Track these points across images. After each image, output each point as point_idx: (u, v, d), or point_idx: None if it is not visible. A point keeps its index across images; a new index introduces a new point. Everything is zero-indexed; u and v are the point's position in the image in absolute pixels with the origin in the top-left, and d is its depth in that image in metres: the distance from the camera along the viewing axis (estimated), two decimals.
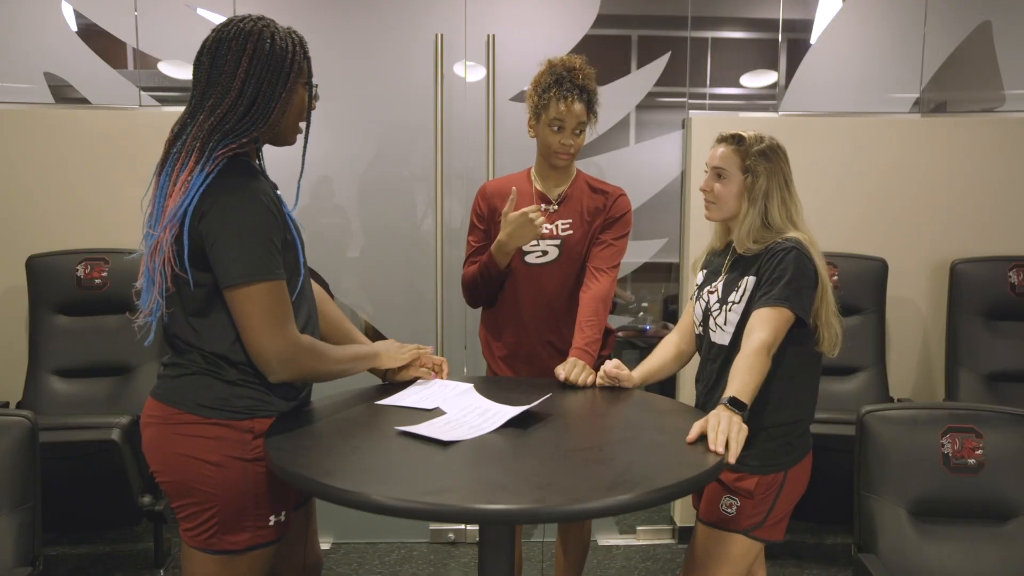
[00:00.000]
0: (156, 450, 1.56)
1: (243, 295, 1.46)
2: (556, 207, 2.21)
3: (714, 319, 1.88)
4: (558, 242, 2.19)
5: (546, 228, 2.19)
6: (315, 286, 1.82)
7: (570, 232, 2.19)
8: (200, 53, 1.52)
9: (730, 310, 1.84)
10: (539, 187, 2.24)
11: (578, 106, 2.10)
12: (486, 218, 2.25)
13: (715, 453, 1.46)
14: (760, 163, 1.81)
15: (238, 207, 1.45)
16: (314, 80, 1.60)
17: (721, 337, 1.86)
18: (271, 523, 1.58)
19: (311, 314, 1.67)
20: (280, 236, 1.51)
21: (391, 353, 1.84)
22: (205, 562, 1.56)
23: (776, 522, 1.86)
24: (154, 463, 1.57)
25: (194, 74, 1.53)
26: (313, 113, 1.62)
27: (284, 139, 1.61)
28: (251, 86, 1.48)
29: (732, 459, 1.47)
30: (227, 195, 1.45)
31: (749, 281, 1.82)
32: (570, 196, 2.21)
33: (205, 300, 1.52)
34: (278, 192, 1.60)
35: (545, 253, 2.19)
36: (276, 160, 1.76)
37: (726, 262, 1.92)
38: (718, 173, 1.87)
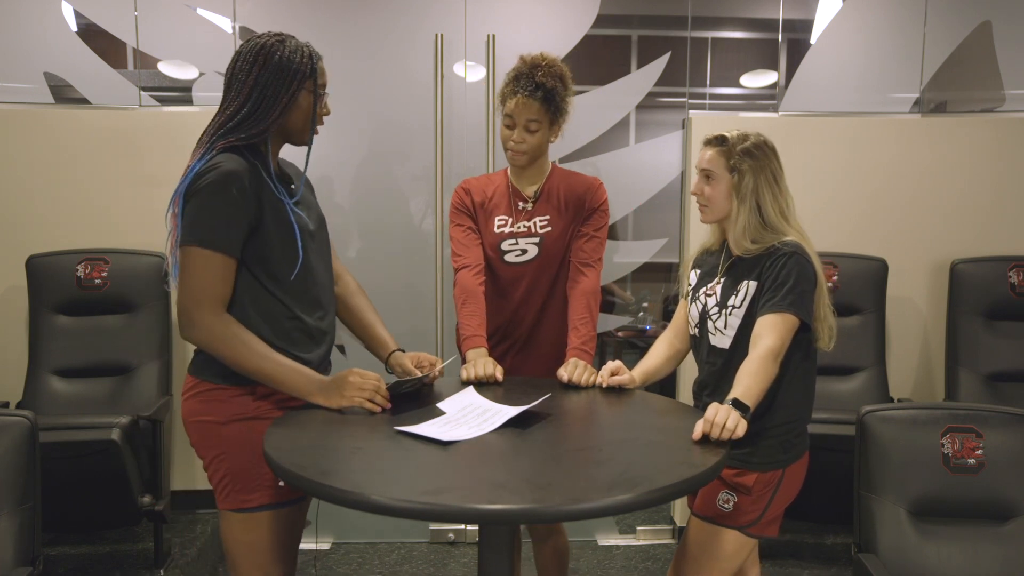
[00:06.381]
0: (186, 418, 1.72)
1: (184, 253, 1.62)
2: (532, 205, 2.19)
3: (713, 322, 1.88)
4: (537, 240, 2.16)
5: (524, 226, 2.18)
6: (350, 278, 1.97)
7: (549, 229, 2.16)
8: (228, 66, 1.70)
9: (730, 314, 1.84)
10: (515, 184, 2.21)
11: (531, 103, 2.05)
12: (471, 209, 2.21)
13: (713, 441, 1.50)
14: (744, 161, 1.82)
15: (210, 182, 1.60)
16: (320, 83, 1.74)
17: (721, 341, 1.86)
18: (281, 484, 1.67)
19: (322, 298, 1.77)
20: (244, 217, 1.62)
21: (331, 392, 1.68)
22: (229, 520, 1.71)
23: (771, 520, 1.87)
24: (187, 430, 1.73)
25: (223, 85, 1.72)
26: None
27: (297, 138, 1.75)
28: (256, 91, 1.66)
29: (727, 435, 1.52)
30: (207, 172, 1.61)
31: (750, 286, 1.82)
32: (547, 192, 2.19)
33: None
34: (291, 186, 1.77)
35: (525, 252, 2.17)
36: (292, 158, 1.86)
37: (722, 264, 1.92)
38: (706, 175, 1.88)
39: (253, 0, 3.16)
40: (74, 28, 3.17)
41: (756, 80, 3.58)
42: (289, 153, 1.82)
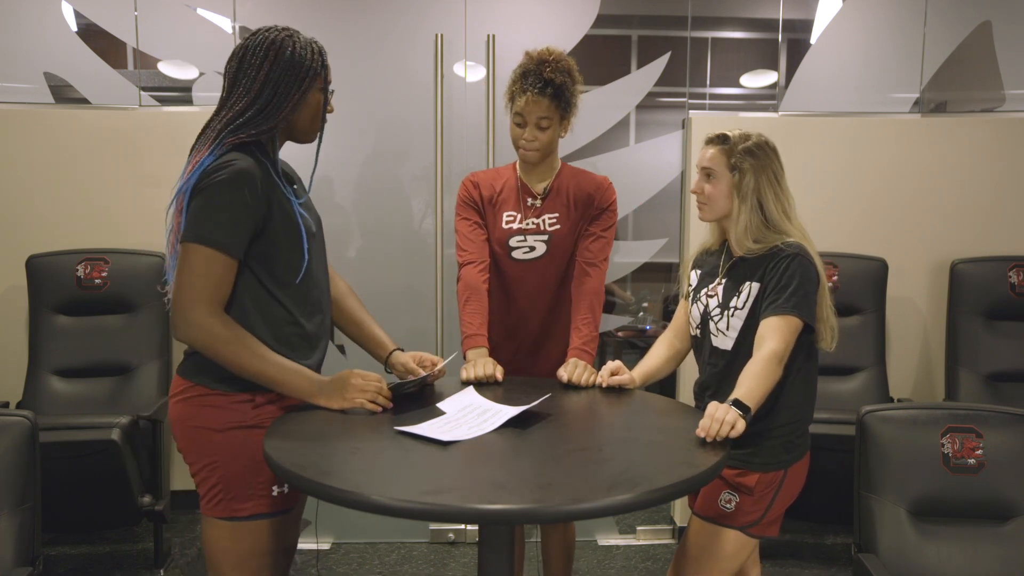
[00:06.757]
0: (176, 422, 1.67)
1: (186, 250, 1.57)
2: (540, 202, 2.17)
3: (715, 324, 1.88)
4: (545, 237, 2.15)
5: (533, 223, 2.16)
6: (340, 280, 1.94)
7: (557, 227, 2.15)
8: (230, 59, 1.66)
9: (732, 315, 1.84)
10: (524, 180, 2.19)
11: (542, 100, 2.03)
12: (479, 203, 2.19)
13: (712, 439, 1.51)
14: (746, 160, 1.82)
15: (221, 180, 1.56)
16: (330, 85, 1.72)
17: (723, 342, 1.86)
18: (274, 493, 1.65)
19: (322, 302, 1.75)
20: (253, 219, 1.59)
21: (332, 393, 1.68)
22: (216, 528, 1.66)
23: (772, 520, 1.87)
24: (175, 434, 1.68)
25: (224, 77, 1.68)
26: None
27: (304, 136, 1.74)
28: (268, 88, 1.62)
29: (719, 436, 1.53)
30: (218, 170, 1.57)
31: (753, 287, 1.82)
32: (556, 189, 2.17)
33: None
34: (294, 186, 1.74)
35: (532, 249, 2.15)
36: (290, 157, 1.84)
37: (723, 264, 1.92)
38: (707, 173, 1.88)
39: (253, 0, 3.16)
40: (74, 28, 3.17)
41: (756, 80, 3.58)
42: (286, 152, 1.80)
